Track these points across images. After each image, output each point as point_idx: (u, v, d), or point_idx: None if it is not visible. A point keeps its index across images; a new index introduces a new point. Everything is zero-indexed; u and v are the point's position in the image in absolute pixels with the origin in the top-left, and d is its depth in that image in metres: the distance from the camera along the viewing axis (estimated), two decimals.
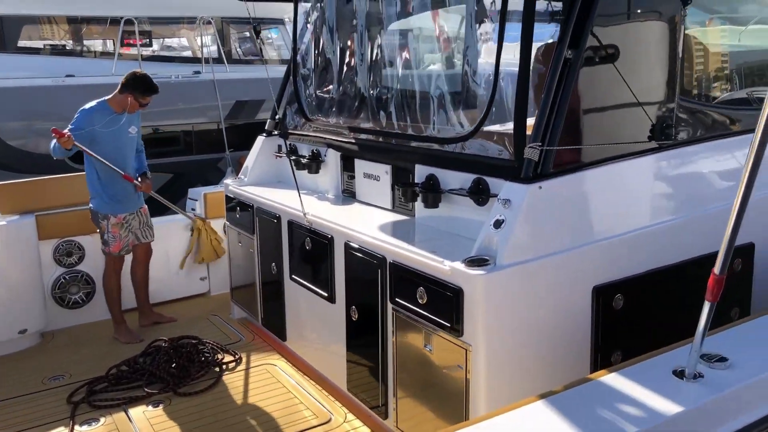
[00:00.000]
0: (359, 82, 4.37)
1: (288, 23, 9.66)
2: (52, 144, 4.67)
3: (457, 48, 4.00)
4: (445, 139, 3.50)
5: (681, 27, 3.23)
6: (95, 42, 10.93)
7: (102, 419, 3.82)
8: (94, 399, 4.04)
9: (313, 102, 4.85)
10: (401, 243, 3.19)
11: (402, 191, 3.74)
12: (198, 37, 10.66)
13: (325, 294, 3.85)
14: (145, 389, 4.12)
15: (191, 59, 10.59)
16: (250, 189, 4.88)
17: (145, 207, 5.19)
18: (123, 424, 3.76)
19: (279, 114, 5.10)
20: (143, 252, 5.21)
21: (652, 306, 3.11)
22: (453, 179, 3.35)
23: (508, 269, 2.70)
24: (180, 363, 4.34)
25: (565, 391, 1.93)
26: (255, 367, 4.45)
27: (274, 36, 12.80)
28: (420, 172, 3.58)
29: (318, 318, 4.05)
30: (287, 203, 4.28)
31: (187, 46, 11.65)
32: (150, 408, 3.93)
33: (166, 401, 4.00)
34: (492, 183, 3.11)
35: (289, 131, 5.00)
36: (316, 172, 4.61)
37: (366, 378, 3.54)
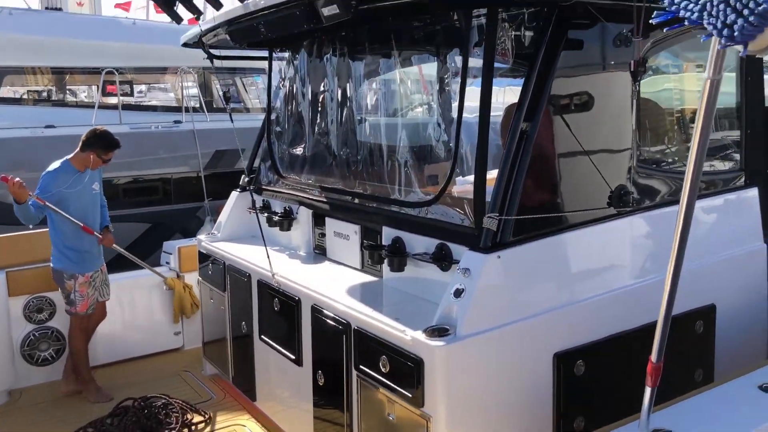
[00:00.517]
0: (331, 141, 4.45)
1: None
2: (15, 208, 4.63)
3: (424, 111, 4.10)
4: (409, 203, 3.56)
5: (635, 99, 3.34)
6: (77, 90, 11.02)
7: None
8: None
9: (287, 159, 4.91)
10: (366, 309, 3.21)
11: (369, 254, 3.77)
12: (179, 84, 10.77)
13: (293, 357, 3.84)
14: None
15: (172, 108, 10.68)
16: (222, 245, 4.89)
17: (104, 265, 5.18)
18: None
19: (256, 163, 5.15)
20: (100, 311, 5.17)
21: (613, 371, 3.13)
22: (418, 243, 3.39)
23: (467, 339, 2.72)
24: (148, 426, 4.28)
25: None
26: (224, 428, 4.39)
27: (257, 82, 12.99)
28: (387, 234, 3.62)
29: (286, 380, 4.02)
30: (257, 262, 4.29)
31: (169, 94, 11.78)
32: None
33: None
34: (455, 249, 3.15)
35: (263, 187, 5.05)
36: (287, 229, 4.64)
37: None
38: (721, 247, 3.66)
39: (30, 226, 4.83)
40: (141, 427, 4.26)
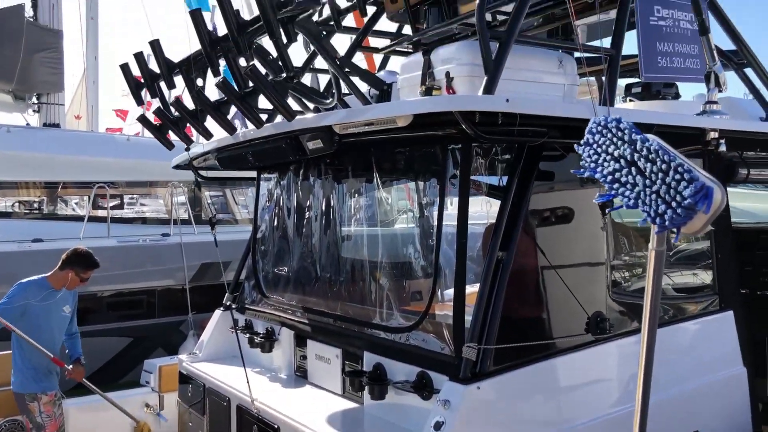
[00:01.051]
0: (314, 262, 4.52)
1: None
2: None
3: (404, 235, 4.21)
4: (389, 329, 3.58)
5: (607, 227, 3.47)
6: (68, 202, 11.18)
7: None
8: None
9: (271, 278, 4.96)
10: None
11: (350, 380, 3.74)
12: (169, 198, 10.96)
13: None
14: None
15: (161, 220, 10.81)
16: (203, 366, 4.82)
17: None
18: None
19: (242, 276, 5.18)
20: None
21: None
22: (399, 370, 3.38)
23: None
24: None
25: None
26: None
27: (246, 192, 13.23)
28: (368, 359, 3.61)
29: None
30: (237, 385, 4.22)
31: (159, 201, 11.95)
32: None
33: None
34: (435, 377, 3.14)
35: (246, 306, 5.06)
36: (269, 351, 4.60)
37: None
38: (701, 373, 3.67)
39: None
40: None
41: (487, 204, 3.45)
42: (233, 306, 5.09)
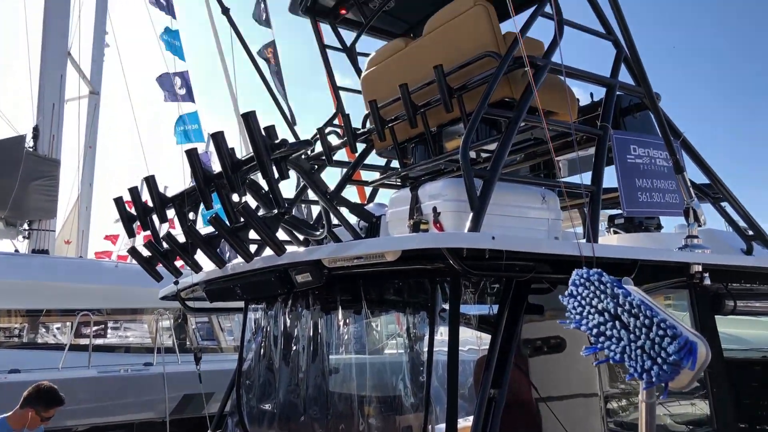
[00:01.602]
0: (301, 398, 4.38)
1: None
2: None
3: (394, 373, 4.12)
4: None
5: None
6: (49, 329, 10.95)
7: None
8: None
9: (255, 413, 4.77)
10: None
11: None
12: (154, 326, 10.78)
13: None
14: None
15: (144, 348, 10.58)
16: None
17: None
18: None
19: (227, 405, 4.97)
20: None
21: None
22: None
23: None
24: None
25: None
26: None
27: (233, 320, 13.04)
28: None
29: None
30: None
31: (143, 326, 11.72)
32: None
33: None
34: None
35: None
36: None
37: None
38: None
39: None
40: None
41: (478, 338, 3.42)
42: None
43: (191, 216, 3.87)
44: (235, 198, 3.64)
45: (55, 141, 12.74)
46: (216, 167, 3.62)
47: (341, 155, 5.38)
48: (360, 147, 5.00)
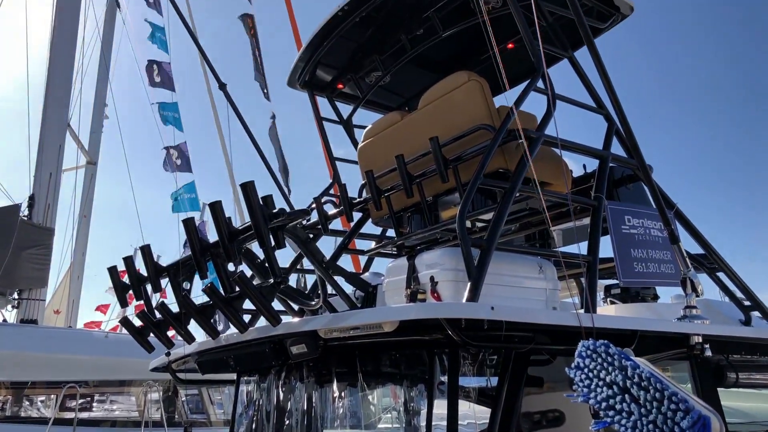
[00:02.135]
0: None
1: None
2: None
3: None
4: None
5: None
6: (33, 402, 10.61)
7: None
8: None
9: None
10: None
11: None
12: (143, 398, 10.48)
13: None
14: None
15: (132, 422, 10.24)
16: None
17: None
18: None
19: None
20: None
21: None
22: None
23: None
24: None
25: None
26: None
27: (225, 391, 12.70)
28: None
29: None
30: None
31: (131, 399, 11.39)
32: None
33: None
34: None
35: None
36: None
37: None
38: None
39: None
40: None
41: (477, 411, 3.34)
42: None
43: (186, 285, 3.84)
44: (231, 267, 3.62)
45: (50, 210, 12.75)
46: (211, 237, 3.62)
47: (336, 224, 5.40)
48: (356, 216, 5.02)
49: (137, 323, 4.07)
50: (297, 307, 4.23)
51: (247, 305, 3.53)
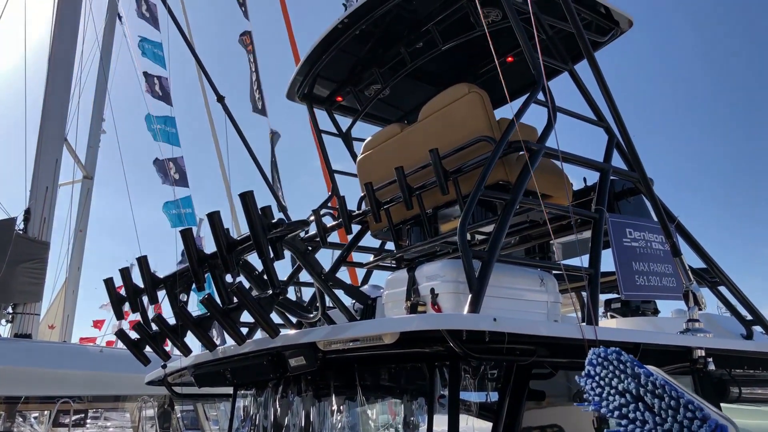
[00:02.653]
0: None
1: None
2: None
3: None
4: None
5: None
6: (26, 418, 10.47)
7: None
8: None
9: None
10: None
11: None
12: (137, 414, 10.35)
13: None
14: None
15: None
16: None
17: None
18: None
19: None
20: None
21: None
22: None
23: None
24: None
25: None
26: None
27: (221, 407, 12.56)
28: None
29: None
30: None
31: (125, 416, 11.25)
32: None
33: None
34: None
35: None
36: None
37: None
38: None
39: None
40: None
41: (478, 424, 3.28)
42: None
43: (182, 297, 3.79)
44: (228, 279, 3.58)
45: (46, 224, 12.67)
46: (208, 250, 3.58)
47: (334, 238, 5.37)
48: (354, 229, 4.99)
49: (133, 336, 4.02)
50: (295, 320, 4.18)
51: (245, 317, 3.49)
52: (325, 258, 5.72)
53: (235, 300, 3.36)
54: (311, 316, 4.01)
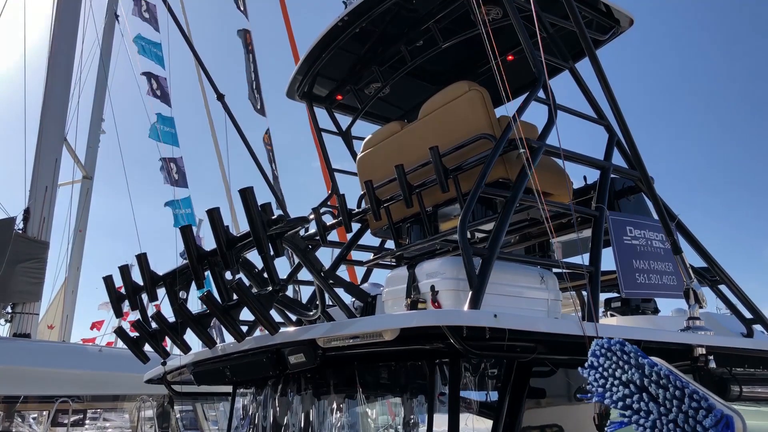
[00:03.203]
0: None
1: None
2: None
3: None
4: None
5: None
6: (25, 418, 10.44)
7: None
8: None
9: None
10: None
11: None
12: (136, 414, 10.34)
13: None
14: None
15: None
16: None
17: None
18: None
19: None
20: None
21: None
22: None
23: None
24: None
25: None
26: None
27: (220, 408, 12.54)
28: None
29: None
30: None
31: (124, 416, 11.23)
32: None
33: None
34: None
35: None
36: None
37: None
38: None
39: None
40: None
41: (478, 422, 3.27)
42: None
43: (182, 295, 3.78)
44: (228, 276, 3.57)
45: (46, 224, 12.66)
46: (207, 249, 3.57)
47: (334, 236, 5.36)
48: (354, 227, 4.98)
49: (132, 333, 4.01)
50: (295, 318, 4.16)
51: (245, 315, 3.48)
52: (325, 256, 5.71)
53: (235, 297, 3.35)
54: (311, 314, 4.00)
